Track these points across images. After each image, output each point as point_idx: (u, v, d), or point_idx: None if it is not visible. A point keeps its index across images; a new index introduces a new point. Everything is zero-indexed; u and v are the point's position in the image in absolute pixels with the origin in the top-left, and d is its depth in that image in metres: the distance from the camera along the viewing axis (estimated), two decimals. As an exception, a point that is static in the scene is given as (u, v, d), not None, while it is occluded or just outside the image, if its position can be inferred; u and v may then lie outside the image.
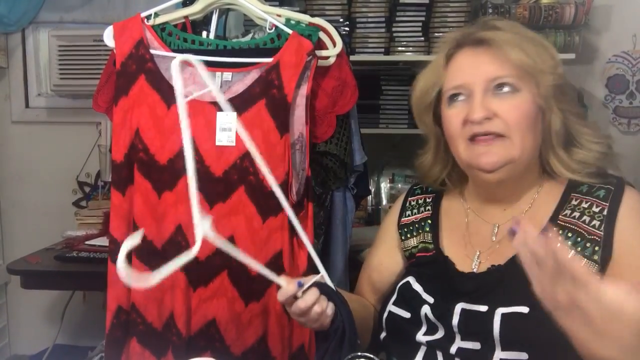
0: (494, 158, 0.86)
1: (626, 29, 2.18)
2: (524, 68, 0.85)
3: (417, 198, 1.08)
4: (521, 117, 0.85)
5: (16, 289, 2.21)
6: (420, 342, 0.89)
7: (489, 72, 0.87)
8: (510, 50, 0.85)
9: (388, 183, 2.18)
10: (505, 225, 0.93)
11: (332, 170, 1.26)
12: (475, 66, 0.88)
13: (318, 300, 0.86)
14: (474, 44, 0.90)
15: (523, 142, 0.86)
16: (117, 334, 1.25)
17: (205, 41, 1.24)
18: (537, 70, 0.86)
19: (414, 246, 1.02)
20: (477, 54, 0.89)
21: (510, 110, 0.85)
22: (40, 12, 2.36)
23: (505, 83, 0.86)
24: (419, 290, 0.93)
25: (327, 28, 1.21)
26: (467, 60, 0.90)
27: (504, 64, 0.86)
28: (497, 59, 0.87)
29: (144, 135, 1.20)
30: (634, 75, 2.20)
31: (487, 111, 0.85)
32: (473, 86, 0.87)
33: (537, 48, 0.88)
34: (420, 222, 1.03)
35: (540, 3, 1.97)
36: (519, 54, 0.85)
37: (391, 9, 2.04)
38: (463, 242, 0.96)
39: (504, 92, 0.86)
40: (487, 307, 0.84)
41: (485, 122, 0.85)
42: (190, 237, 1.20)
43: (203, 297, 1.19)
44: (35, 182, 2.45)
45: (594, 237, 0.84)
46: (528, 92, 0.86)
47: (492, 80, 0.87)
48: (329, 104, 1.19)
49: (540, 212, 0.91)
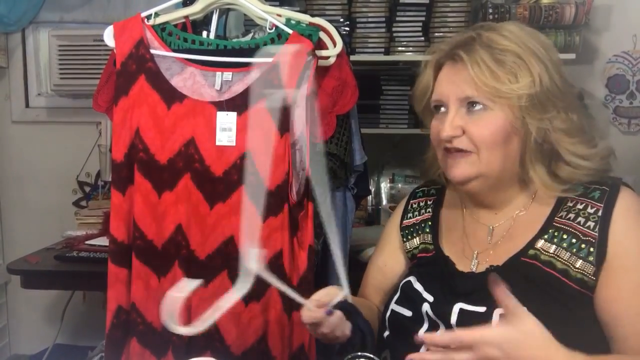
0: (461, 172, 0.90)
1: (626, 29, 2.18)
2: (490, 91, 0.86)
3: (418, 201, 1.10)
4: (489, 134, 0.87)
5: (16, 289, 2.22)
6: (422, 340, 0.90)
7: (460, 91, 0.89)
8: (477, 72, 0.86)
9: (388, 183, 2.18)
10: (499, 227, 0.95)
11: (332, 170, 1.26)
12: (452, 82, 0.91)
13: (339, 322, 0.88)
14: (453, 60, 0.91)
15: (489, 158, 0.88)
16: (117, 334, 1.25)
17: (205, 41, 1.24)
18: (506, 93, 0.86)
19: (415, 247, 1.04)
20: (455, 71, 0.91)
21: (478, 128, 0.87)
22: (40, 12, 2.36)
23: (475, 102, 0.88)
24: (420, 289, 0.94)
25: (328, 28, 1.22)
26: (446, 76, 0.93)
27: (474, 85, 0.87)
28: (470, 78, 0.88)
29: (144, 135, 1.20)
30: (634, 75, 2.20)
31: (454, 130, 0.88)
32: (448, 101, 0.90)
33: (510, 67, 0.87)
34: (420, 224, 1.05)
35: (541, 3, 1.97)
36: (484, 76, 0.86)
37: (391, 9, 2.04)
38: (461, 243, 0.98)
39: (475, 110, 0.88)
40: (485, 308, 0.85)
41: (454, 139, 0.89)
42: (190, 236, 1.20)
43: (203, 297, 1.19)
44: (35, 182, 2.45)
45: (589, 238, 0.85)
46: (500, 109, 0.87)
47: (464, 99, 0.89)
48: (329, 104, 1.19)
49: (536, 215, 0.91)
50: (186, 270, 1.19)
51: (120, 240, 1.23)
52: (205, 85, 1.20)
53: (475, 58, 0.87)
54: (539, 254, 0.87)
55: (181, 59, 1.21)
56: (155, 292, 1.22)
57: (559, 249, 0.86)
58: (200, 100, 1.19)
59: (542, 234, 0.89)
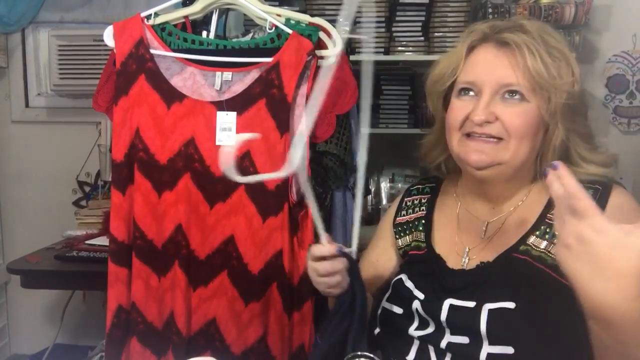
0: (484, 157, 0.88)
1: (626, 29, 2.18)
2: (539, 80, 0.85)
3: (412, 199, 1.10)
4: (521, 125, 0.86)
5: (16, 289, 2.22)
6: (412, 337, 0.91)
7: (503, 77, 0.87)
8: (532, 59, 0.85)
9: (388, 183, 2.18)
10: (493, 222, 0.95)
11: (332, 169, 1.26)
12: (492, 67, 0.88)
13: (342, 270, 0.89)
14: (497, 44, 0.89)
15: (517, 148, 0.87)
16: (117, 334, 1.25)
17: (205, 41, 1.24)
18: (552, 86, 0.85)
19: (407, 244, 1.05)
20: (497, 55, 0.89)
21: (513, 117, 0.86)
22: (40, 12, 2.36)
23: (515, 91, 0.86)
24: (411, 287, 0.95)
25: (327, 28, 1.21)
26: (485, 58, 0.90)
27: (520, 72, 0.86)
28: (515, 65, 0.86)
29: (144, 134, 1.20)
30: (634, 75, 2.20)
31: (489, 115, 0.86)
32: (483, 86, 0.88)
33: (559, 62, 0.87)
34: (414, 222, 1.05)
35: (540, 3, 1.97)
36: (538, 64, 0.85)
37: (391, 9, 2.04)
38: (454, 240, 0.98)
39: (513, 99, 0.87)
40: (474, 303, 0.85)
41: (485, 125, 0.87)
42: (190, 236, 1.20)
43: (203, 296, 1.19)
44: (35, 182, 2.45)
45: None
46: (536, 103, 0.87)
47: (503, 86, 0.87)
48: (329, 104, 1.19)
49: (530, 212, 0.92)
50: (186, 269, 1.19)
51: (120, 240, 1.23)
52: (205, 85, 1.20)
53: (530, 47, 0.86)
54: (530, 249, 0.87)
55: (181, 59, 1.21)
56: (155, 291, 1.22)
57: (550, 244, 0.86)
58: (200, 100, 1.19)
59: (534, 230, 0.89)
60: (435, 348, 0.88)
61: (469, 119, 0.88)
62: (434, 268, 0.95)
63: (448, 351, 0.86)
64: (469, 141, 0.89)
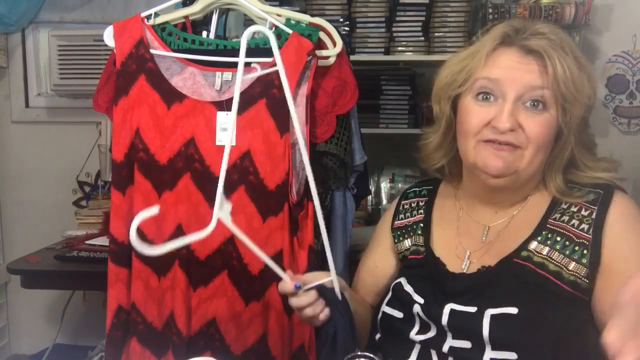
0: (501, 164, 0.86)
1: (626, 29, 2.18)
2: (565, 92, 0.84)
3: (410, 202, 1.08)
4: (542, 135, 0.85)
5: (16, 289, 2.22)
6: (414, 341, 0.90)
7: (529, 80, 0.85)
8: (561, 69, 0.84)
9: (388, 183, 2.18)
10: (495, 226, 0.94)
11: (332, 170, 1.26)
12: (518, 72, 0.86)
13: (312, 303, 0.88)
14: (522, 49, 0.87)
15: (533, 157, 0.86)
16: (117, 334, 1.25)
17: (205, 41, 1.24)
18: (574, 98, 0.85)
19: (406, 248, 1.03)
20: (523, 60, 0.87)
21: (535, 127, 0.85)
22: (40, 12, 2.36)
23: (538, 100, 0.85)
24: (410, 291, 0.94)
25: (327, 28, 1.21)
26: (510, 60, 0.87)
27: (547, 80, 0.85)
28: (543, 72, 0.85)
29: (144, 135, 1.20)
30: (634, 75, 2.20)
31: (514, 123, 0.84)
32: (507, 88, 0.86)
33: (583, 74, 0.87)
34: (412, 225, 1.04)
35: (540, 3, 1.97)
36: (567, 75, 0.84)
37: (391, 8, 2.04)
38: (454, 243, 0.97)
39: (533, 107, 0.86)
40: (476, 308, 0.85)
41: (509, 133, 0.85)
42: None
43: (203, 296, 1.19)
44: (35, 182, 2.45)
45: (583, 240, 0.85)
46: (554, 112, 0.86)
47: (529, 89, 0.85)
48: (329, 104, 1.19)
49: (530, 216, 0.91)
50: (186, 270, 1.19)
51: (120, 240, 1.23)
52: (205, 85, 1.20)
53: (559, 57, 0.85)
54: (532, 255, 0.87)
55: (181, 59, 1.21)
56: (155, 292, 1.22)
57: (552, 250, 0.86)
58: (200, 100, 1.19)
59: (535, 235, 0.88)
60: (437, 352, 0.87)
61: (490, 125, 0.86)
62: (433, 272, 0.94)
63: (450, 355, 0.86)
64: (486, 146, 0.87)
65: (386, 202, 2.15)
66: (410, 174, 2.17)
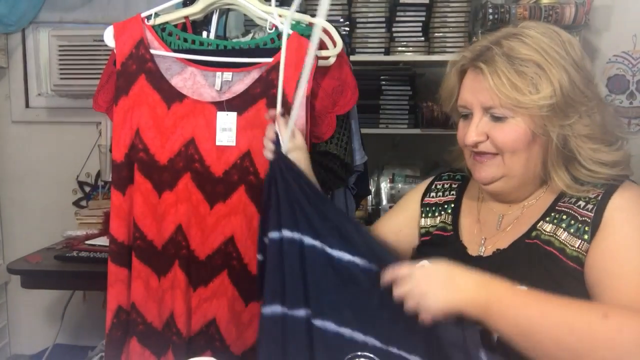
0: (487, 173, 0.95)
1: (626, 29, 2.18)
2: (508, 101, 0.89)
3: (443, 183, 1.14)
4: (511, 141, 0.91)
5: (16, 289, 2.22)
6: None
7: (482, 101, 0.92)
8: (499, 85, 0.88)
9: (388, 183, 2.18)
10: (508, 216, 0.99)
11: (332, 170, 1.26)
12: (475, 91, 0.94)
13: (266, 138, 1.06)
14: (476, 69, 0.93)
15: (512, 161, 0.92)
16: (117, 334, 1.25)
17: (205, 41, 1.24)
18: (525, 104, 0.88)
19: (433, 225, 1.09)
20: (477, 80, 0.93)
21: (501, 135, 0.91)
22: (40, 12, 2.36)
23: (496, 112, 0.91)
24: None
25: (327, 28, 1.21)
26: (469, 84, 0.96)
27: (495, 96, 0.90)
28: (490, 89, 0.90)
29: (144, 135, 1.20)
30: (634, 76, 2.20)
31: (479, 136, 0.93)
32: (472, 108, 0.94)
33: (531, 77, 0.88)
34: (443, 205, 1.10)
35: (540, 3, 1.97)
36: (506, 89, 0.88)
37: (391, 9, 2.04)
38: (474, 229, 1.03)
39: (497, 118, 0.92)
40: None
41: (479, 144, 0.94)
42: (190, 236, 1.20)
43: (203, 296, 1.19)
44: (35, 182, 2.46)
45: (585, 218, 0.88)
46: (521, 118, 0.90)
47: (487, 108, 0.92)
48: (329, 104, 1.19)
49: (542, 203, 0.96)
50: (186, 270, 1.19)
51: (120, 240, 1.23)
52: (205, 86, 1.20)
53: (495, 69, 0.89)
54: (540, 234, 0.91)
55: (181, 59, 1.21)
56: (155, 292, 1.22)
57: (557, 228, 0.90)
58: (200, 101, 1.19)
59: (544, 217, 0.93)
60: None
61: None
62: (454, 252, 0.99)
63: None
64: (475, 160, 0.96)
65: (386, 202, 2.15)
66: (410, 174, 2.17)
